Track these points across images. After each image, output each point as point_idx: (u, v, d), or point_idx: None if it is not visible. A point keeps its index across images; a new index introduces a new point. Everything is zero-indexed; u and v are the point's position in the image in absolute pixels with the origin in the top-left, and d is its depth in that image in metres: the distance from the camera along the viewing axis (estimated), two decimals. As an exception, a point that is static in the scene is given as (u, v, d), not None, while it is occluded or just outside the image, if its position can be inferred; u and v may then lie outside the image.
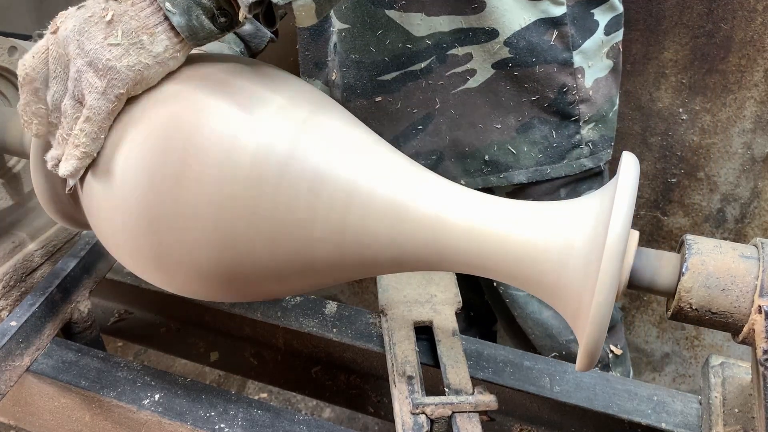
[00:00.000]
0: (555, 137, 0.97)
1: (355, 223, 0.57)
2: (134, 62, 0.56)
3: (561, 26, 0.90)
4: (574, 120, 0.97)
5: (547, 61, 0.91)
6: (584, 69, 0.95)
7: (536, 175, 0.98)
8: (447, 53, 0.91)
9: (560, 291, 0.53)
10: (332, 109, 0.62)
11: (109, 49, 0.55)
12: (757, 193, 1.43)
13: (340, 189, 0.56)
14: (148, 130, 0.57)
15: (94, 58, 0.55)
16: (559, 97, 0.94)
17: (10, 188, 0.82)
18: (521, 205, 0.57)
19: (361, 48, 0.93)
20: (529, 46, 0.90)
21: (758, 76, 1.30)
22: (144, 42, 0.56)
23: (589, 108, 0.97)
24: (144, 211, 0.57)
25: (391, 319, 0.82)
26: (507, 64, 0.91)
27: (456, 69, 0.92)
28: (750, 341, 0.52)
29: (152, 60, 0.56)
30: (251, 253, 0.58)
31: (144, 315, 1.02)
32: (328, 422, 0.72)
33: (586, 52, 0.94)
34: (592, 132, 0.99)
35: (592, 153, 1.00)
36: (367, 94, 0.96)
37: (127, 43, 0.55)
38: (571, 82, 0.94)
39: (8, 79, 0.80)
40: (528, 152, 0.97)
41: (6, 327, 0.75)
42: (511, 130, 0.96)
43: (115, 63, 0.55)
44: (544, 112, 0.95)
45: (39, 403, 0.80)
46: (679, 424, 0.74)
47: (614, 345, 1.15)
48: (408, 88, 0.94)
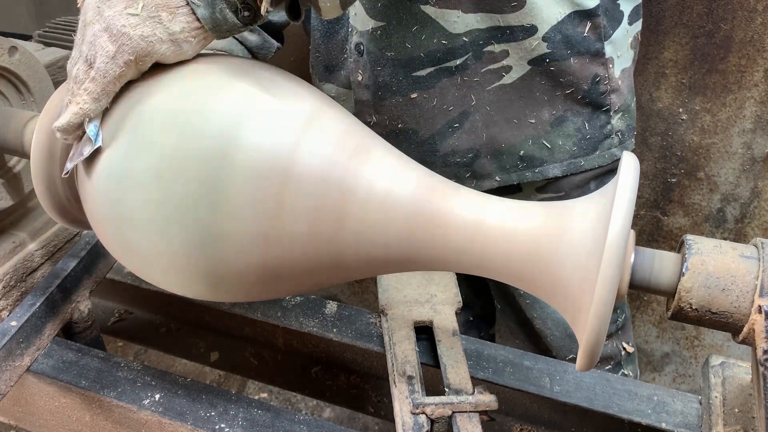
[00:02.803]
0: (588, 129, 0.97)
1: (355, 223, 0.57)
2: (148, 33, 0.56)
3: (594, 17, 0.91)
4: (605, 110, 0.97)
5: (581, 53, 0.92)
6: (614, 59, 0.95)
7: (570, 167, 0.99)
8: (483, 50, 0.91)
9: (560, 291, 0.53)
10: (333, 109, 0.62)
11: (127, 17, 0.56)
12: (757, 193, 1.43)
13: (340, 188, 0.56)
14: (150, 130, 0.57)
15: (111, 24, 0.56)
16: (592, 87, 0.94)
17: (10, 188, 0.82)
18: (521, 204, 0.57)
19: (396, 45, 0.93)
20: (564, 40, 0.91)
21: (758, 76, 1.30)
22: (162, 18, 0.56)
23: (618, 98, 0.98)
24: (143, 211, 0.57)
25: (391, 319, 0.82)
26: (544, 59, 0.91)
27: (491, 66, 0.92)
28: (750, 341, 0.52)
29: (166, 36, 0.57)
30: (251, 254, 0.58)
31: (144, 315, 1.02)
32: (328, 422, 0.72)
33: (615, 42, 0.95)
34: (620, 121, 1.00)
35: (620, 142, 1.01)
36: (403, 92, 0.96)
37: (146, 15, 0.56)
38: (603, 72, 0.94)
39: (8, 79, 0.80)
40: (562, 145, 0.98)
41: (6, 327, 0.75)
42: (546, 124, 0.96)
43: (129, 30, 0.56)
44: (577, 104, 0.96)
45: (39, 403, 0.80)
46: (679, 424, 0.74)
47: (626, 342, 1.16)
48: (443, 85, 0.94)
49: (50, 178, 0.65)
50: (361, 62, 0.96)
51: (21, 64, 0.80)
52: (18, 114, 0.72)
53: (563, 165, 0.99)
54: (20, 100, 0.82)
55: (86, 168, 0.60)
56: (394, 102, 0.97)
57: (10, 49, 0.78)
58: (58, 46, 1.04)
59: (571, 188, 1.01)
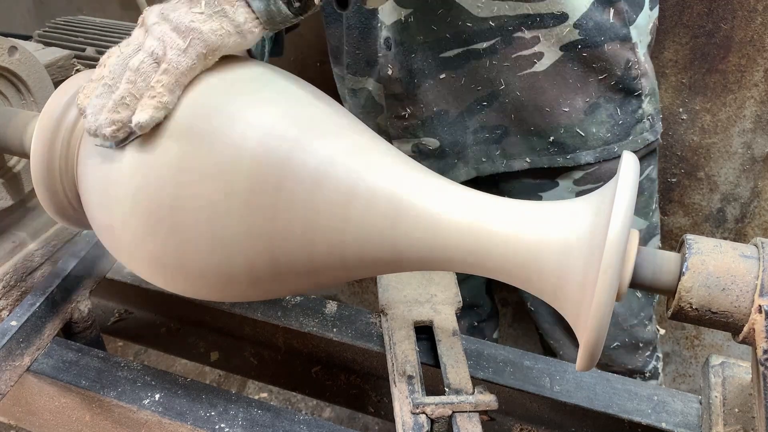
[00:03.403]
0: (620, 114, 0.97)
1: (355, 223, 0.57)
2: (217, 27, 0.57)
3: (615, 3, 0.92)
4: (637, 95, 0.98)
5: (611, 39, 0.93)
6: (638, 44, 0.96)
7: (604, 154, 0.99)
8: (513, 36, 0.92)
9: (561, 291, 0.53)
10: (333, 109, 0.62)
11: (193, 14, 0.57)
12: (757, 193, 1.43)
13: (340, 188, 0.56)
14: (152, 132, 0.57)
15: (178, 23, 0.57)
16: (625, 72, 0.95)
17: (10, 188, 0.82)
18: (521, 204, 0.57)
19: (424, 29, 0.94)
20: (596, 26, 0.91)
21: (758, 75, 1.30)
22: (226, 11, 0.57)
23: (647, 81, 0.99)
24: (144, 212, 0.57)
25: (391, 319, 0.82)
26: (576, 45, 0.92)
27: (523, 52, 0.93)
28: (750, 341, 0.52)
29: (233, 28, 0.58)
30: (252, 254, 0.58)
31: (144, 315, 1.02)
32: (328, 422, 0.72)
33: (639, 27, 0.96)
34: (649, 105, 1.01)
35: (651, 126, 1.02)
36: (433, 74, 0.97)
37: (210, 11, 0.57)
38: (633, 57, 0.95)
39: (8, 79, 0.80)
40: (596, 133, 0.98)
41: (6, 327, 0.75)
42: (580, 112, 0.96)
43: (198, 25, 0.56)
44: (610, 90, 0.96)
45: (39, 402, 0.80)
46: (679, 423, 0.74)
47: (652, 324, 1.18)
48: (471, 66, 0.95)
49: (50, 178, 0.65)
50: (390, 56, 0.98)
51: (21, 64, 0.80)
52: (18, 114, 0.72)
53: (596, 152, 0.99)
54: (20, 99, 0.82)
55: (101, 173, 0.59)
56: (427, 86, 0.98)
57: (10, 49, 0.78)
58: (58, 46, 1.04)
59: (606, 176, 1.01)
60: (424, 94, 0.99)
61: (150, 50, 0.57)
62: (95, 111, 0.57)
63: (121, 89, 0.56)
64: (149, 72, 0.56)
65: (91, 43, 1.12)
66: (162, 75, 0.56)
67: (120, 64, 0.58)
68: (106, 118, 0.56)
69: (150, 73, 0.56)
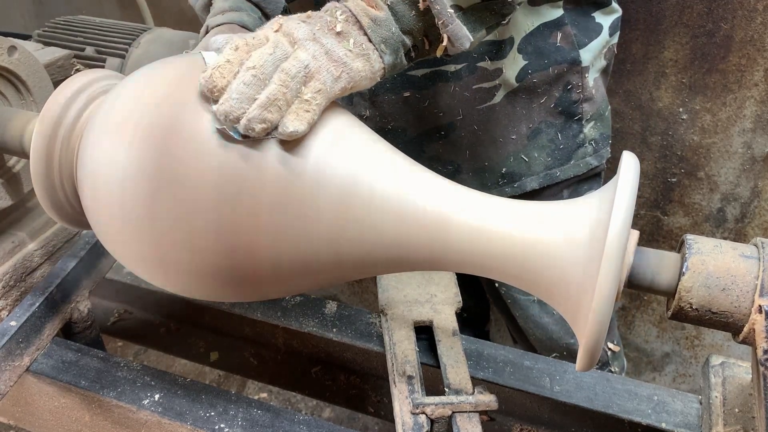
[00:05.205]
0: (561, 139, 0.98)
1: (356, 222, 0.57)
2: (362, 67, 0.60)
3: (562, 26, 0.92)
4: (577, 119, 0.98)
5: (558, 61, 0.94)
6: (589, 68, 0.97)
7: (547, 179, 1.00)
8: (477, 65, 0.93)
9: (560, 291, 0.53)
10: (334, 108, 0.62)
11: (344, 49, 0.59)
12: (757, 193, 1.43)
13: (340, 188, 0.56)
14: (148, 131, 0.57)
15: (331, 50, 0.58)
16: (564, 95, 0.96)
17: (9, 188, 0.82)
18: (522, 204, 0.57)
19: None
20: (537, 50, 0.92)
21: (758, 75, 1.30)
22: (370, 56, 0.61)
23: (591, 106, 0.99)
24: (144, 211, 0.57)
25: (391, 319, 0.82)
26: (527, 71, 0.93)
27: (484, 84, 0.94)
28: (750, 341, 0.52)
29: (371, 73, 0.61)
30: (252, 253, 0.58)
31: (144, 315, 1.02)
32: (328, 422, 0.72)
33: (592, 50, 0.96)
34: (593, 130, 1.01)
35: (595, 151, 1.02)
36: (397, 90, 0.97)
37: (358, 52, 0.60)
38: (576, 81, 0.96)
39: (8, 79, 0.80)
40: (538, 158, 0.99)
41: (6, 327, 0.75)
42: (524, 138, 0.98)
43: (349, 61, 0.59)
44: (550, 114, 0.97)
45: (39, 403, 0.80)
46: (679, 423, 0.74)
47: (611, 342, 1.17)
48: (438, 88, 0.95)
49: (50, 178, 0.65)
50: None
51: (20, 64, 0.80)
52: (18, 114, 0.72)
53: (540, 177, 1.00)
54: (20, 99, 0.82)
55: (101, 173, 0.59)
56: (386, 99, 0.98)
57: (10, 49, 0.78)
58: (57, 45, 1.04)
59: (546, 199, 1.01)
60: (381, 105, 0.98)
61: (305, 63, 0.57)
62: (241, 98, 0.55)
63: (274, 89, 0.55)
64: (300, 82, 0.57)
65: (91, 43, 1.12)
66: (317, 93, 0.57)
67: (271, 63, 0.56)
68: (260, 114, 0.54)
69: (299, 83, 0.56)
